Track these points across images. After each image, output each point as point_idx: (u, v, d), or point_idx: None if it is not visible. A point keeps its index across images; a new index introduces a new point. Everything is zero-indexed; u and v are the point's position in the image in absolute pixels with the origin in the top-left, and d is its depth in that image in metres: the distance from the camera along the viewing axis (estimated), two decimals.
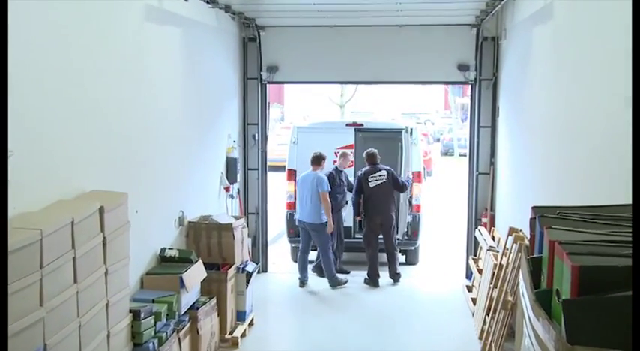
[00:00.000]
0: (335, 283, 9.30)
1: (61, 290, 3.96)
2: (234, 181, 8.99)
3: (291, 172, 10.24)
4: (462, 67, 9.36)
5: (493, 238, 8.38)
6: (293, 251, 10.50)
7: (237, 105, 9.51)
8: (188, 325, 5.95)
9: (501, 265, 6.77)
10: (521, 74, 7.50)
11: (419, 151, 10.46)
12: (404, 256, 10.53)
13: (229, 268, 7.02)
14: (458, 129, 30.36)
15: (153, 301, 5.48)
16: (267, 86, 9.91)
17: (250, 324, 7.56)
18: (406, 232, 10.16)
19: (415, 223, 10.21)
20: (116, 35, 5.44)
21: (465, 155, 11.06)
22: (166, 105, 6.66)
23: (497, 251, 7.36)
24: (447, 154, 30.78)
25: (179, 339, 5.70)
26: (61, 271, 3.96)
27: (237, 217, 7.86)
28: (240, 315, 7.34)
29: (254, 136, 9.76)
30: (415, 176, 10.04)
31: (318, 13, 8.57)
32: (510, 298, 6.11)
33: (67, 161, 4.63)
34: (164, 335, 5.37)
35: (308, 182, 9.18)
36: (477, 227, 9.22)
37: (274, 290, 9.38)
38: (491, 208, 9.12)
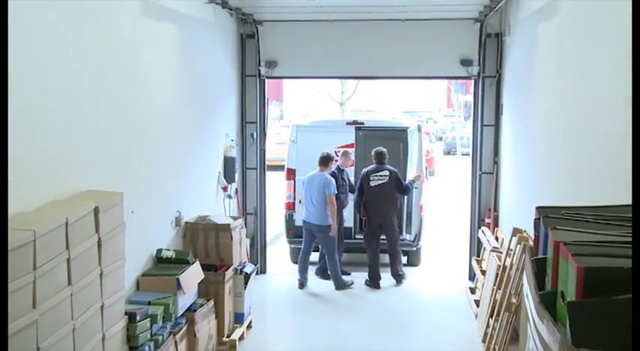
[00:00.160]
0: (341, 285, 9.20)
1: (55, 292, 3.92)
2: (232, 181, 8.91)
3: (291, 172, 10.18)
4: (465, 62, 9.25)
5: (497, 238, 8.30)
6: (292, 252, 10.44)
7: (235, 103, 9.45)
8: (185, 327, 5.89)
9: (505, 266, 6.70)
10: (526, 71, 7.42)
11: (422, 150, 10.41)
12: (405, 258, 10.43)
13: (227, 269, 6.94)
14: (460, 127, 30.26)
15: (149, 304, 5.42)
16: (266, 82, 9.82)
17: (249, 326, 7.50)
18: (418, 233, 10.07)
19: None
20: (113, 33, 5.40)
21: (468, 154, 11.00)
22: (163, 103, 6.61)
23: (501, 252, 7.29)
24: (449, 153, 30.75)
25: (176, 342, 5.64)
26: (55, 273, 3.92)
27: (235, 218, 7.80)
28: (239, 317, 7.27)
29: (252, 135, 9.67)
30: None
31: (317, 8, 8.50)
32: (514, 300, 6.06)
33: (61, 161, 4.59)
34: (160, 338, 5.31)
35: (315, 183, 9.09)
36: (480, 228, 9.15)
37: (273, 292, 9.30)
38: (495, 208, 9.04)
